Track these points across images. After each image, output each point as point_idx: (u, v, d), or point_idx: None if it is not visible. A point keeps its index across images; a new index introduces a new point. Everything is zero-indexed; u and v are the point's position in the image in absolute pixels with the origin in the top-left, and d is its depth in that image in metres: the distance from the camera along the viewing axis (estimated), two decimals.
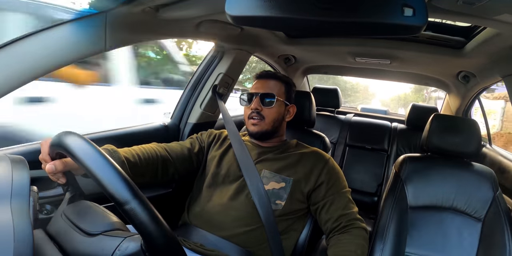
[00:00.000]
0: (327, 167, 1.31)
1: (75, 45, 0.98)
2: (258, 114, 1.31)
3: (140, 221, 0.57)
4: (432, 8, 1.02)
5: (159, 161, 1.24)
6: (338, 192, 1.27)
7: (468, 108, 2.51)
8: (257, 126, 1.32)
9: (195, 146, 1.39)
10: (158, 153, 1.25)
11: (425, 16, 0.75)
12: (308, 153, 1.34)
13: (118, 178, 0.58)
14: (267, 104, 1.32)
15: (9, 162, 0.67)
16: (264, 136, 1.35)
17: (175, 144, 1.35)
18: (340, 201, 1.25)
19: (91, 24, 1.00)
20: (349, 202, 1.27)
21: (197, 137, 1.44)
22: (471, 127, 1.48)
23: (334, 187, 1.28)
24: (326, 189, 1.27)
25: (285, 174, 1.27)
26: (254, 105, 1.32)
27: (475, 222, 1.38)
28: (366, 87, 32.44)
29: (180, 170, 1.32)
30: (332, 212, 1.24)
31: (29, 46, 0.89)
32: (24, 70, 0.88)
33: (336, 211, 1.24)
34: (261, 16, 0.82)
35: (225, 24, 1.42)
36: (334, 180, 1.29)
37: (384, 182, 2.56)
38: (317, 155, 1.35)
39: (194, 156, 1.37)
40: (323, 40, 1.95)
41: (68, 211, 0.74)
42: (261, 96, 1.32)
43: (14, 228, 0.54)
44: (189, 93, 1.91)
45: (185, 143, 1.39)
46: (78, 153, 0.62)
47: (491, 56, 1.57)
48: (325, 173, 1.29)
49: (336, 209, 1.24)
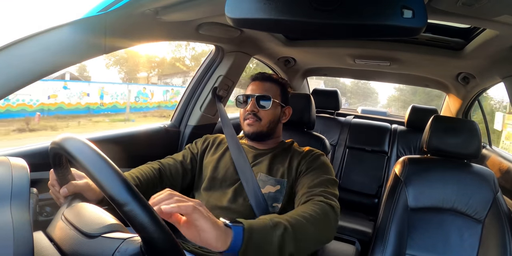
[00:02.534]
0: (308, 158, 1.28)
1: (74, 47, 0.98)
2: (254, 115, 1.31)
3: (139, 223, 0.57)
4: (432, 10, 1.02)
5: (156, 180, 1.24)
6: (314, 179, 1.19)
7: (468, 110, 2.51)
8: (253, 126, 1.32)
9: (187, 157, 1.39)
10: (155, 172, 1.25)
11: (425, 18, 0.75)
12: (301, 152, 1.33)
13: (118, 179, 0.58)
14: (263, 106, 1.31)
15: (9, 164, 0.67)
16: (260, 137, 1.34)
17: (169, 160, 1.35)
18: (310, 183, 1.17)
19: (90, 26, 1.00)
20: (321, 185, 1.15)
21: (189, 147, 1.44)
22: (471, 129, 1.48)
23: (311, 174, 1.22)
24: (303, 177, 1.22)
25: (280, 177, 1.26)
26: (250, 107, 1.31)
27: (476, 224, 1.38)
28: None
29: (177, 184, 1.33)
30: (299, 194, 1.16)
31: (29, 48, 0.89)
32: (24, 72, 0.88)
33: (302, 190, 1.16)
34: (260, 18, 0.82)
35: (225, 26, 1.42)
36: (313, 168, 1.24)
37: (384, 184, 2.55)
38: (307, 152, 1.33)
39: (187, 167, 1.36)
40: (323, 42, 1.96)
41: (68, 213, 0.74)
42: (257, 98, 1.32)
43: (14, 230, 0.54)
44: (189, 96, 1.91)
45: (179, 156, 1.39)
46: (77, 154, 0.62)
47: (491, 58, 1.58)
48: (304, 163, 1.26)
49: (303, 191, 1.16)
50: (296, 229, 0.86)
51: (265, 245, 0.78)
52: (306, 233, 0.90)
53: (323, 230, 0.98)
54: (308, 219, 0.93)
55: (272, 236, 0.80)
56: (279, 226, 0.82)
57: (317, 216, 0.96)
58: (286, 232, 0.83)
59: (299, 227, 0.87)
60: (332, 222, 1.01)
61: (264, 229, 0.79)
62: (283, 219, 0.86)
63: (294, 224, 0.87)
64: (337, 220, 1.04)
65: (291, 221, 0.87)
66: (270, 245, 0.79)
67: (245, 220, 0.79)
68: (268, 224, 0.81)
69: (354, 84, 34.29)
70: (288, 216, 0.90)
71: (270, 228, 0.81)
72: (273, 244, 0.79)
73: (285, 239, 0.82)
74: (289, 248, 0.83)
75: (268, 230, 0.80)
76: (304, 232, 0.89)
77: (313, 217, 0.95)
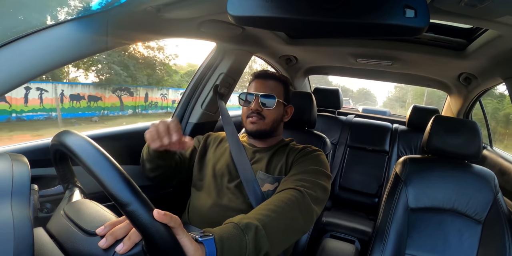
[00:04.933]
0: (302, 152, 1.29)
1: (76, 44, 0.98)
2: (258, 114, 1.31)
3: (142, 223, 0.57)
4: (434, 10, 1.02)
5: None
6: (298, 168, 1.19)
7: (469, 110, 2.51)
8: (256, 124, 1.31)
9: (187, 149, 1.40)
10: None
11: (427, 18, 0.75)
12: (296, 149, 1.33)
13: (120, 179, 0.58)
14: (267, 105, 1.31)
15: (10, 160, 0.67)
16: (262, 135, 1.34)
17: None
18: (294, 171, 1.18)
19: (92, 23, 1.00)
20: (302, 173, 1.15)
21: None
22: (472, 129, 1.48)
23: (299, 165, 1.22)
24: (292, 168, 1.23)
25: (277, 174, 1.27)
26: (254, 106, 1.31)
27: (475, 224, 1.38)
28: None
29: (178, 177, 1.36)
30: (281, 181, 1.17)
31: (31, 45, 0.89)
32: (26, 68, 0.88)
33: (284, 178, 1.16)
34: (262, 16, 0.82)
35: (226, 24, 1.42)
36: (303, 160, 1.24)
37: (384, 183, 2.56)
38: (302, 147, 1.33)
39: (186, 157, 1.38)
40: (325, 41, 1.95)
41: (68, 210, 0.74)
42: (261, 97, 1.31)
43: (14, 226, 0.54)
44: (190, 93, 1.91)
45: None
46: (80, 153, 0.62)
47: (493, 58, 1.57)
48: (297, 158, 1.27)
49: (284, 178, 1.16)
50: (267, 227, 0.85)
51: (240, 250, 0.77)
52: (278, 227, 0.88)
53: (294, 219, 0.95)
54: (277, 211, 0.91)
55: (245, 239, 0.79)
56: (250, 228, 0.82)
57: (285, 206, 0.95)
58: (258, 232, 0.82)
59: (270, 223, 0.86)
60: (302, 207, 0.99)
61: (235, 235, 0.79)
62: (252, 218, 0.85)
63: (264, 220, 0.86)
64: (308, 204, 1.01)
65: (260, 218, 0.86)
66: (245, 248, 0.78)
67: (214, 229, 0.78)
68: (238, 229, 0.80)
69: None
70: (256, 213, 0.89)
71: (241, 232, 0.80)
72: (248, 247, 0.79)
73: (259, 240, 0.82)
74: (265, 247, 0.82)
75: (240, 235, 0.79)
76: (275, 226, 0.88)
77: (281, 207, 0.93)
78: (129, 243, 0.61)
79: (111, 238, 0.62)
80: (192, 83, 1.92)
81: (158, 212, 0.59)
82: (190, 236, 0.69)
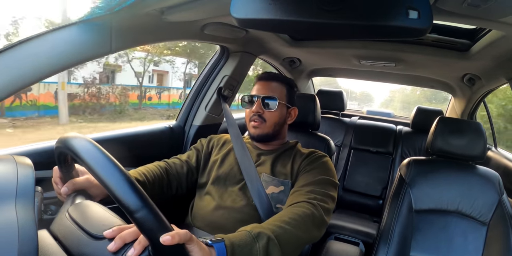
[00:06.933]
0: (309, 158, 1.28)
1: (80, 47, 0.99)
2: (259, 117, 1.30)
3: (149, 228, 0.58)
4: (437, 11, 1.01)
5: (164, 178, 1.24)
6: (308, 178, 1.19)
7: (473, 111, 2.50)
8: (258, 128, 1.30)
9: (192, 156, 1.38)
10: (162, 170, 1.25)
11: (430, 19, 0.75)
12: (303, 153, 1.32)
13: (129, 186, 0.59)
14: (268, 107, 1.30)
15: (15, 163, 0.67)
16: (265, 138, 1.33)
17: (175, 159, 1.36)
18: (303, 181, 1.17)
19: (96, 26, 1.01)
20: (313, 184, 1.14)
21: (194, 146, 1.44)
22: (476, 130, 1.47)
23: (308, 174, 1.21)
24: (300, 176, 1.22)
25: (283, 177, 1.26)
26: (255, 108, 1.30)
27: (480, 226, 1.37)
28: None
29: (182, 184, 1.33)
30: (291, 191, 1.17)
31: (35, 48, 0.89)
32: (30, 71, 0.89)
33: (294, 188, 1.16)
34: (266, 18, 0.82)
35: (230, 26, 1.42)
36: (311, 168, 1.23)
37: (389, 185, 2.55)
38: (309, 153, 1.32)
39: (192, 166, 1.36)
40: (328, 43, 1.95)
41: (72, 212, 0.74)
42: (263, 99, 1.30)
43: (18, 228, 0.54)
44: (194, 95, 1.92)
45: (183, 156, 1.38)
46: (88, 160, 0.62)
47: (497, 59, 1.57)
48: (304, 164, 1.26)
49: (294, 189, 1.16)
50: (280, 238, 0.86)
51: None
52: (290, 239, 0.90)
53: (307, 231, 0.97)
54: (291, 223, 0.93)
55: (256, 247, 0.80)
56: (262, 237, 0.82)
57: (300, 218, 0.96)
58: (270, 242, 0.83)
59: (283, 235, 0.88)
60: (316, 221, 1.00)
61: (247, 242, 0.79)
62: (265, 228, 0.86)
63: (277, 231, 0.87)
64: (322, 217, 1.03)
65: (273, 229, 0.87)
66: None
67: (226, 235, 0.79)
68: (249, 236, 0.81)
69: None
70: (270, 224, 0.90)
71: (253, 239, 0.81)
72: (259, 255, 0.79)
73: (270, 249, 0.82)
74: None
75: (251, 242, 0.80)
76: (288, 238, 0.89)
77: (296, 220, 0.95)
78: (139, 248, 0.62)
79: (120, 241, 0.63)
80: (196, 85, 1.92)
81: (166, 239, 0.59)
82: (201, 241, 0.70)
